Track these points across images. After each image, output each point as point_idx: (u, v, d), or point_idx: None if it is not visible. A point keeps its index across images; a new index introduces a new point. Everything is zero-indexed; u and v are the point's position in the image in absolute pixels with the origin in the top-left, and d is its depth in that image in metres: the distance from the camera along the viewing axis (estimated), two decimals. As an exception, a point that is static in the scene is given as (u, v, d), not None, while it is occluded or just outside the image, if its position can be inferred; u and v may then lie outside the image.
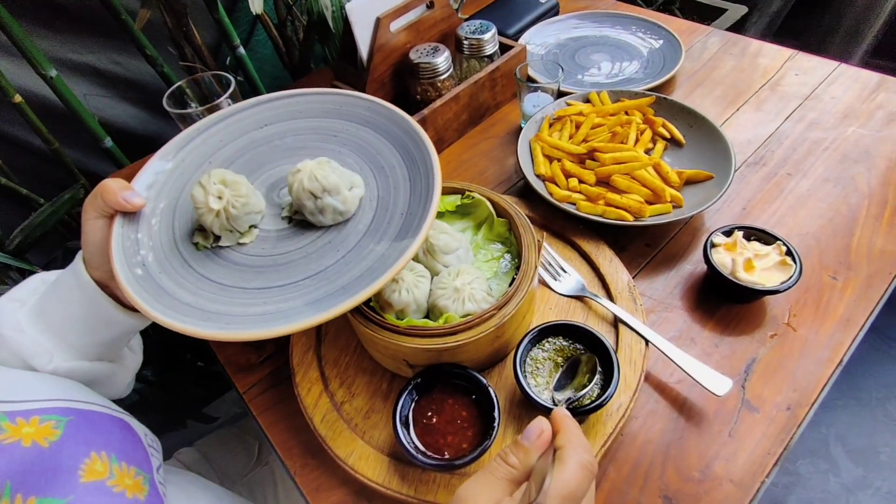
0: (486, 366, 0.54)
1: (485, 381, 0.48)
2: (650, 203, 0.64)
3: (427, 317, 0.52)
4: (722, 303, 0.59)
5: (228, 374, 0.60)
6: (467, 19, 0.85)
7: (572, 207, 0.65)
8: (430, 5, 0.81)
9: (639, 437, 0.50)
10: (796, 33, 1.69)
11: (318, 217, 0.46)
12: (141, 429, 0.48)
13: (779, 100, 0.82)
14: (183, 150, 0.52)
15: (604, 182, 0.67)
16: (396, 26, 0.77)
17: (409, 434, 0.46)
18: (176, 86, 0.70)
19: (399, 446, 0.45)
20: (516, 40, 0.95)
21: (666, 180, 0.66)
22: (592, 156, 0.69)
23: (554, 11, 1.04)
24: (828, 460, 1.22)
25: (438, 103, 0.77)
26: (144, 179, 0.50)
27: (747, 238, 0.58)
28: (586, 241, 0.64)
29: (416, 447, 0.45)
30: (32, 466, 0.36)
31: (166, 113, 0.68)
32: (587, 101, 0.78)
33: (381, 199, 0.48)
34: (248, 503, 0.63)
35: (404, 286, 0.49)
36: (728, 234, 0.59)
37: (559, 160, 0.70)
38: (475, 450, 0.44)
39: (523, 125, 0.79)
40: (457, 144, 0.84)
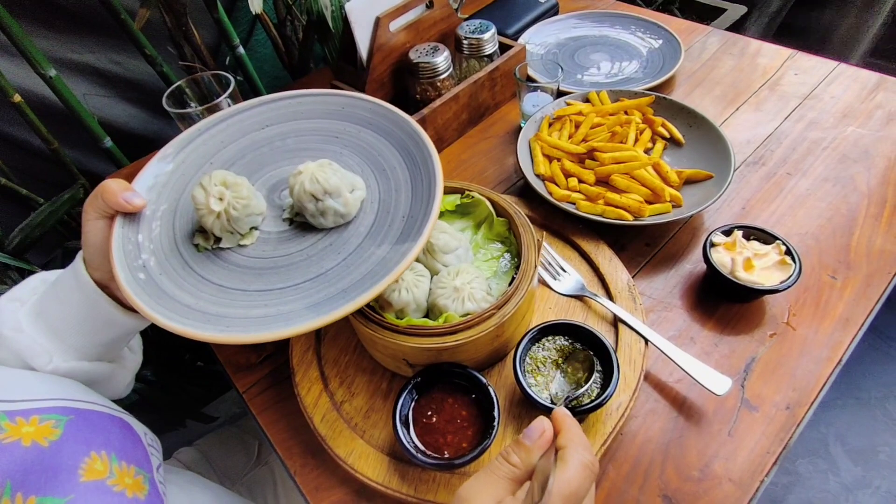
0: (485, 365, 0.54)
1: (484, 381, 0.48)
2: (650, 202, 0.64)
3: (427, 316, 0.52)
4: (721, 302, 0.59)
5: (228, 374, 0.60)
6: (467, 19, 0.85)
7: (572, 207, 0.65)
8: (430, 5, 0.81)
9: (638, 437, 0.50)
10: (796, 33, 1.69)
11: (319, 219, 0.46)
12: (140, 428, 0.48)
13: (778, 99, 0.82)
14: (184, 151, 0.52)
15: (603, 181, 0.67)
16: (396, 26, 0.77)
17: (409, 433, 0.46)
18: (175, 85, 0.70)
19: (399, 445, 0.45)
20: (516, 40, 0.95)
21: (665, 180, 0.66)
22: (592, 155, 0.69)
23: (553, 11, 1.04)
24: (827, 459, 1.22)
25: (438, 103, 0.77)
26: (145, 181, 0.50)
27: (747, 237, 0.58)
28: (586, 241, 0.64)
29: (416, 446, 0.45)
30: (32, 466, 0.36)
31: (166, 113, 0.68)
32: (586, 100, 0.78)
33: (383, 202, 0.48)
34: (248, 503, 0.63)
35: (404, 286, 0.49)
36: (727, 233, 0.59)
37: (559, 160, 0.70)
38: (475, 449, 0.44)
39: (523, 125, 0.79)
40: (456, 144, 0.84)
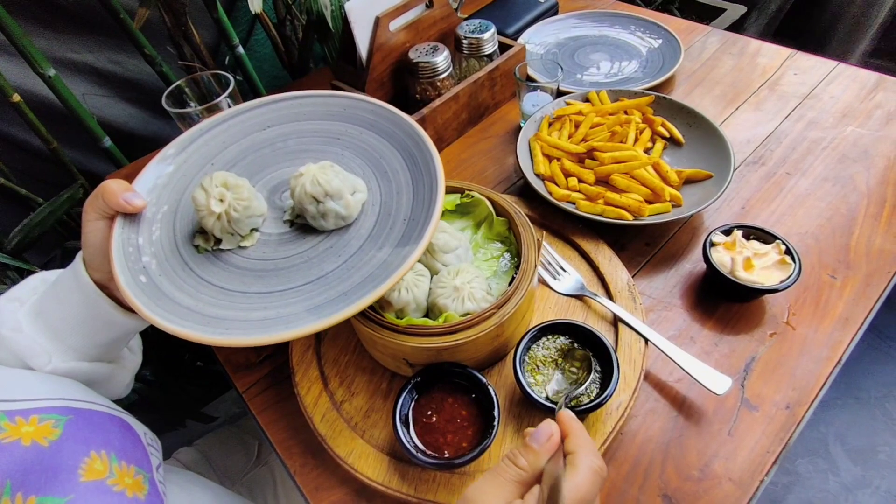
0: (485, 365, 0.54)
1: (484, 380, 0.48)
2: (649, 202, 0.64)
3: (427, 316, 0.52)
4: (721, 302, 0.59)
5: (228, 374, 0.60)
6: (466, 19, 0.85)
7: (572, 207, 0.65)
8: (430, 4, 0.81)
9: (638, 436, 0.50)
10: (795, 33, 1.69)
11: (320, 221, 0.46)
12: (140, 428, 0.47)
13: (778, 99, 0.82)
14: (185, 152, 0.52)
15: (603, 181, 0.67)
16: (396, 25, 0.77)
17: (409, 433, 0.46)
18: (175, 85, 0.70)
19: (399, 445, 0.45)
20: (515, 40, 0.95)
21: (665, 179, 0.66)
22: (592, 155, 0.69)
23: (553, 11, 1.04)
24: (827, 459, 1.23)
25: (438, 103, 0.77)
26: (145, 182, 0.49)
27: (746, 237, 0.58)
28: (586, 241, 0.64)
29: (416, 446, 0.45)
30: (32, 465, 0.36)
31: (165, 112, 0.68)
32: (586, 100, 0.78)
33: (384, 204, 0.48)
34: (248, 503, 0.63)
35: (404, 285, 0.49)
36: (727, 233, 0.59)
37: (558, 159, 0.70)
38: (475, 449, 0.44)
39: (523, 124, 0.79)
40: (456, 144, 0.84)
